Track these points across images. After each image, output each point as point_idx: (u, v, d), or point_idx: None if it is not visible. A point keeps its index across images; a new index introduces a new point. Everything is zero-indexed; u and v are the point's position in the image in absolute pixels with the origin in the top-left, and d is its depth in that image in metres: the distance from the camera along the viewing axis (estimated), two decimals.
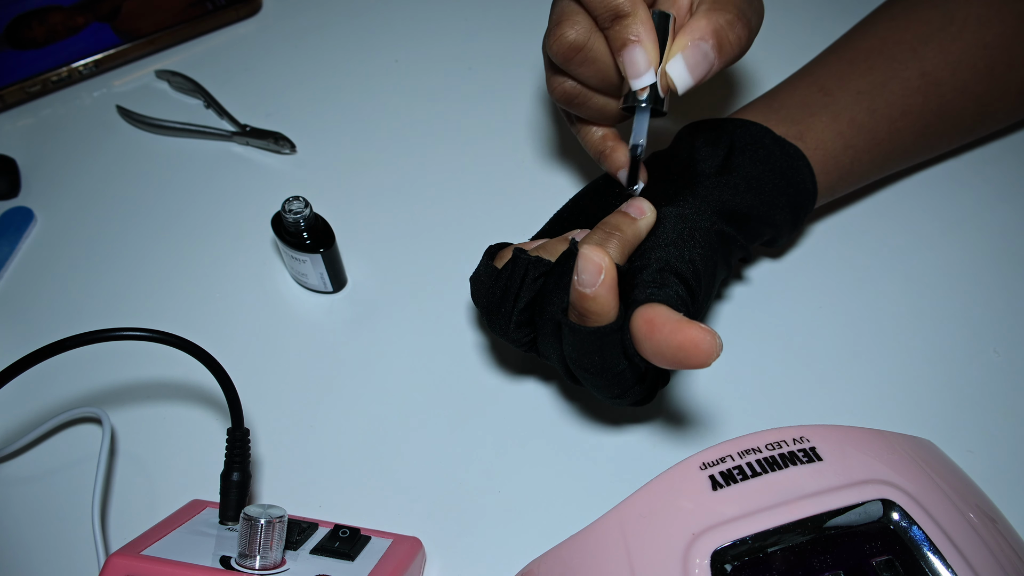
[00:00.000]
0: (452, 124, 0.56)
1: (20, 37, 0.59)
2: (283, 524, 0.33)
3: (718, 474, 0.30)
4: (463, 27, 0.61)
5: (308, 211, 0.44)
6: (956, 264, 0.48)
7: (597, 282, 0.31)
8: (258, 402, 0.45)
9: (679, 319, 0.30)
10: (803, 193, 0.41)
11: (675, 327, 0.30)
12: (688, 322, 0.30)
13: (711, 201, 0.38)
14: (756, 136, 0.41)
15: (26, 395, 0.45)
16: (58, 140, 0.57)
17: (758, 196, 0.39)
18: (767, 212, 0.40)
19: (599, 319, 0.33)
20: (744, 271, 0.48)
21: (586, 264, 0.31)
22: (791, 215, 0.41)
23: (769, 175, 0.40)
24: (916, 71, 0.43)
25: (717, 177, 0.39)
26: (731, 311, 0.47)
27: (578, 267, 0.32)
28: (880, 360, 0.45)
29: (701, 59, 0.34)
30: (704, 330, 0.29)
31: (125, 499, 0.42)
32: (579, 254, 0.32)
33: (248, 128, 0.55)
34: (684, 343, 0.29)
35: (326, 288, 0.48)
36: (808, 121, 0.42)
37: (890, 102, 0.43)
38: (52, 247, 0.52)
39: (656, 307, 0.31)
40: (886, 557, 0.28)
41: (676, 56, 0.34)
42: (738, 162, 0.40)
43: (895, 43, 0.44)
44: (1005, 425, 0.43)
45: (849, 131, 0.42)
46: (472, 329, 0.47)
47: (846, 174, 0.43)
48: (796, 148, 0.41)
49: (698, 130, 0.42)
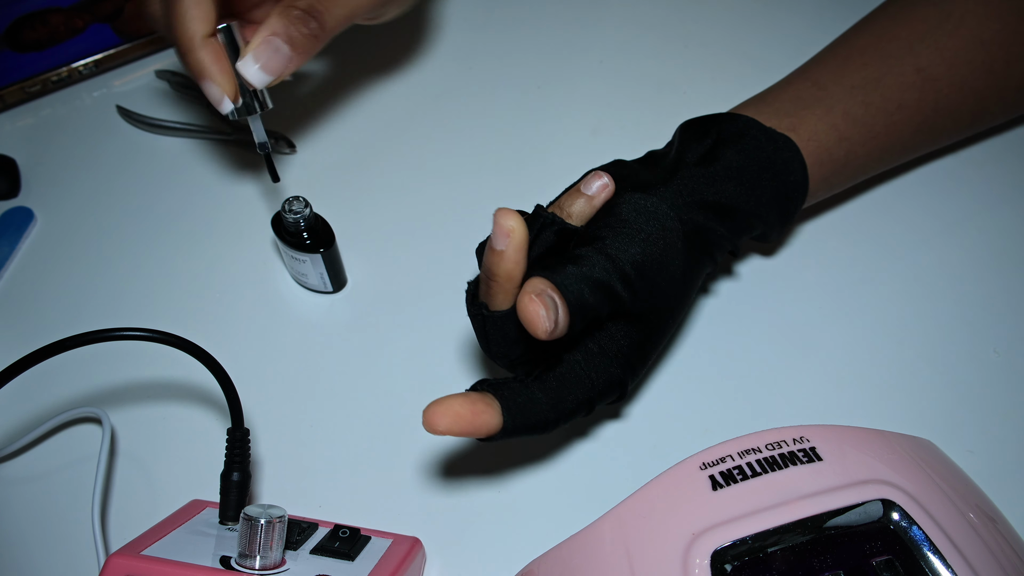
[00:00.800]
0: (452, 124, 0.56)
1: (21, 39, 0.59)
2: (283, 524, 0.33)
3: (718, 474, 0.30)
4: (463, 26, 0.61)
5: (308, 211, 0.44)
6: (956, 264, 0.48)
7: (506, 243, 0.32)
8: (258, 402, 0.45)
9: (536, 289, 0.31)
10: (792, 185, 0.41)
11: (524, 295, 0.31)
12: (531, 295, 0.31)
13: (687, 193, 0.38)
14: (742, 127, 0.40)
15: (26, 395, 0.45)
16: (58, 140, 0.57)
17: (740, 186, 0.39)
18: (752, 205, 0.39)
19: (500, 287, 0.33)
20: (739, 268, 0.48)
21: (496, 227, 0.32)
22: (780, 208, 0.40)
23: (753, 165, 0.39)
24: (911, 67, 0.43)
25: (697, 168, 0.39)
26: (731, 310, 0.47)
27: (493, 229, 0.32)
28: (880, 360, 0.45)
29: (273, 53, 0.38)
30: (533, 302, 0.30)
31: (125, 499, 0.42)
32: (494, 216, 0.32)
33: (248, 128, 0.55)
34: (522, 308, 0.31)
35: (326, 288, 0.48)
36: (800, 114, 0.42)
37: (885, 96, 0.43)
38: (52, 247, 0.52)
39: (533, 279, 0.32)
40: (886, 557, 0.28)
41: (246, 58, 0.37)
42: (721, 153, 0.39)
43: (890, 40, 0.44)
44: (1005, 425, 0.43)
45: (843, 124, 0.42)
46: (472, 329, 0.47)
47: (841, 167, 0.43)
48: (786, 138, 0.40)
49: (689, 125, 0.42)
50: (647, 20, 0.60)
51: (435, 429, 0.32)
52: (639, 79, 0.57)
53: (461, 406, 0.33)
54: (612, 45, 0.59)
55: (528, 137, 0.55)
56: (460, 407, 0.33)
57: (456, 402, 0.33)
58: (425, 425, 0.32)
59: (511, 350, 0.36)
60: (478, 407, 0.33)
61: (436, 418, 0.32)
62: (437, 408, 0.33)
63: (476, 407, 0.33)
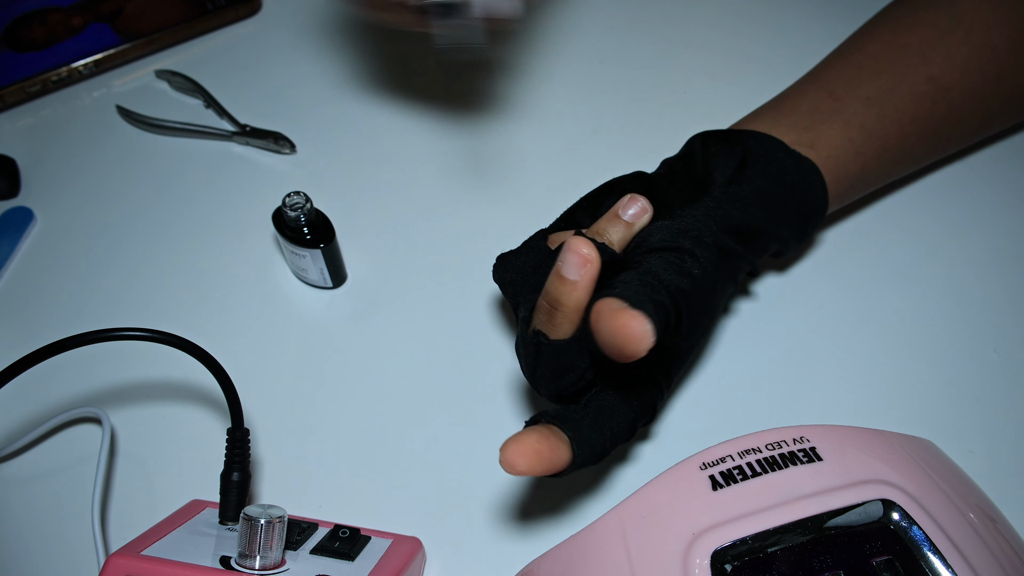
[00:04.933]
0: (452, 122, 0.56)
1: (20, 39, 0.59)
2: (283, 524, 0.33)
3: (718, 474, 0.30)
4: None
5: (308, 206, 0.44)
6: (956, 264, 0.48)
7: (582, 272, 0.31)
8: (258, 402, 0.45)
9: (621, 306, 0.29)
10: (812, 205, 0.40)
11: (614, 313, 0.29)
12: (626, 309, 0.29)
13: (718, 217, 0.37)
14: (769, 149, 0.40)
15: (26, 395, 0.45)
16: (58, 140, 0.57)
17: (766, 210, 0.38)
18: (773, 227, 0.39)
19: (566, 317, 0.32)
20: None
21: (571, 255, 0.31)
22: (798, 229, 0.40)
23: (779, 190, 0.39)
24: (924, 76, 0.43)
25: (727, 188, 0.38)
26: (731, 312, 0.47)
27: (563, 257, 0.31)
28: (880, 360, 0.45)
29: None
30: (633, 315, 0.28)
31: (125, 499, 0.42)
32: (566, 244, 0.31)
33: (248, 128, 0.55)
34: (616, 326, 0.29)
35: (326, 284, 0.48)
36: (819, 128, 0.41)
37: (899, 108, 0.43)
38: (52, 247, 0.52)
39: (607, 299, 0.31)
40: (886, 557, 0.28)
41: None
42: (749, 175, 0.39)
43: (902, 47, 0.44)
44: (1005, 425, 0.43)
45: (860, 138, 0.42)
46: (472, 326, 0.47)
47: (856, 182, 0.43)
48: (810, 162, 0.40)
49: (710, 139, 0.41)
50: (647, 20, 0.60)
51: (515, 469, 0.31)
52: (640, 79, 0.57)
53: (539, 443, 0.31)
54: (613, 45, 0.59)
55: (528, 136, 0.55)
56: (539, 444, 0.31)
57: (532, 439, 0.31)
58: (505, 466, 0.31)
59: (561, 379, 0.35)
60: (552, 442, 0.32)
61: (516, 458, 0.31)
62: (515, 448, 0.31)
63: (551, 443, 0.32)
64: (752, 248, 0.39)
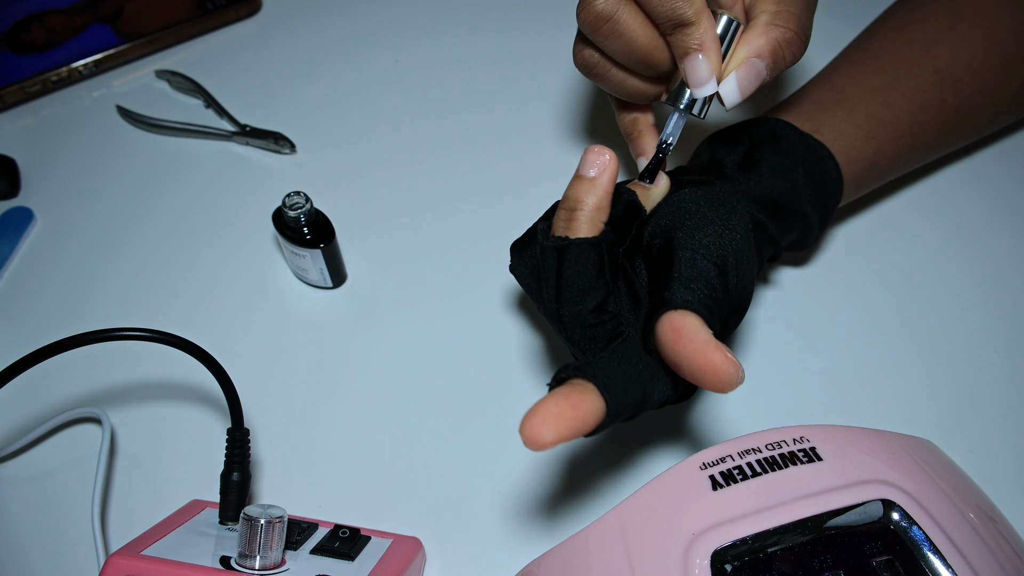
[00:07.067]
0: (452, 123, 0.56)
1: (20, 41, 0.59)
2: (283, 524, 0.33)
3: (718, 474, 0.30)
4: (463, 27, 0.61)
5: (309, 206, 0.44)
6: (956, 264, 0.48)
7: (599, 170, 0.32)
8: (258, 402, 0.45)
9: (707, 340, 0.28)
10: (830, 183, 0.40)
11: (700, 347, 0.28)
12: (715, 345, 0.28)
13: (743, 190, 0.37)
14: (774, 129, 0.40)
15: (26, 395, 0.45)
16: (58, 140, 0.57)
17: (787, 182, 0.38)
18: (797, 201, 0.38)
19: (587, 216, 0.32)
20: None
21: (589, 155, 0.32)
22: (820, 206, 0.40)
23: (793, 163, 0.39)
24: (930, 68, 0.43)
25: (742, 171, 0.38)
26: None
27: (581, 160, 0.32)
28: (880, 360, 0.45)
29: (754, 77, 0.34)
30: (728, 360, 0.27)
31: (125, 499, 0.42)
32: (586, 151, 0.32)
33: (248, 128, 0.55)
34: (705, 367, 0.28)
35: (326, 283, 0.48)
36: (822, 116, 0.41)
37: (907, 96, 0.43)
38: (52, 247, 0.52)
39: (687, 316, 0.30)
40: (886, 557, 0.28)
41: (731, 74, 0.34)
42: (761, 154, 0.39)
43: (904, 43, 0.44)
44: (1005, 425, 0.43)
45: (867, 123, 0.42)
46: (472, 326, 0.47)
47: (871, 165, 0.42)
48: (817, 140, 0.40)
49: (714, 137, 0.41)
50: None
51: (542, 442, 0.27)
52: None
53: (558, 405, 0.28)
54: None
55: (528, 135, 0.55)
56: (557, 407, 0.28)
57: (551, 403, 0.28)
58: (528, 442, 0.27)
59: (585, 300, 0.32)
60: (574, 398, 0.28)
61: (539, 429, 0.27)
62: (534, 419, 0.27)
63: (572, 399, 0.28)
64: (780, 225, 0.38)
